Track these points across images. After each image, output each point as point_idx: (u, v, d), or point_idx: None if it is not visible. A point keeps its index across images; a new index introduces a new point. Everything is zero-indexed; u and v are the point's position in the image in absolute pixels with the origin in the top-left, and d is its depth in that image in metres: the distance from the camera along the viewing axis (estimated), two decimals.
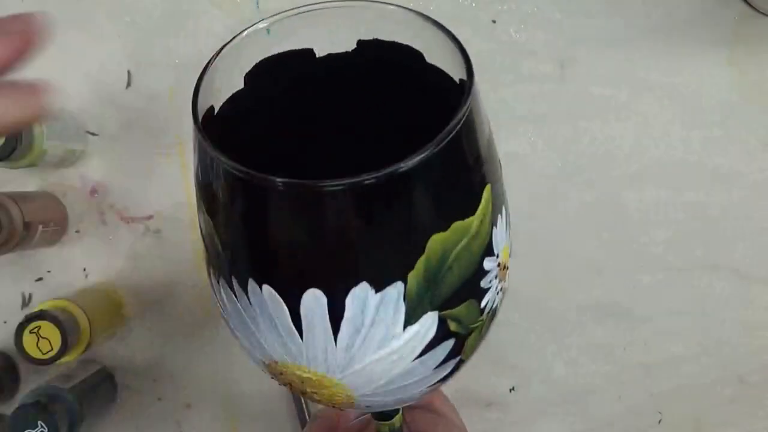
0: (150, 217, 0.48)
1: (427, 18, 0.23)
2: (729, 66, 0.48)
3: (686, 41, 0.48)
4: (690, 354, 0.51)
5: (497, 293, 0.24)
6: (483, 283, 0.23)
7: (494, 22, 0.48)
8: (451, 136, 0.19)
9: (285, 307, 0.20)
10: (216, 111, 0.23)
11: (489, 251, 0.22)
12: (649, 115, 0.49)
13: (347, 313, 0.20)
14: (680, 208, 0.49)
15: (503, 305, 0.25)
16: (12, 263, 0.48)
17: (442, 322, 0.22)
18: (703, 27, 0.48)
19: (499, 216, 0.23)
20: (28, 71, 0.23)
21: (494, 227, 0.22)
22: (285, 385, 0.24)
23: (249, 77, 0.25)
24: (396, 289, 0.20)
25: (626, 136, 0.49)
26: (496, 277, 0.23)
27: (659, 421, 0.52)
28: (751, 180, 0.49)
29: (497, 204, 0.23)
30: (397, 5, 0.24)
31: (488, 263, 0.22)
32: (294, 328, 0.21)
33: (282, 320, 0.21)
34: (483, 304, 0.23)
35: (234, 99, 0.24)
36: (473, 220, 0.21)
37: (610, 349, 0.51)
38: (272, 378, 0.24)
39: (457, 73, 0.23)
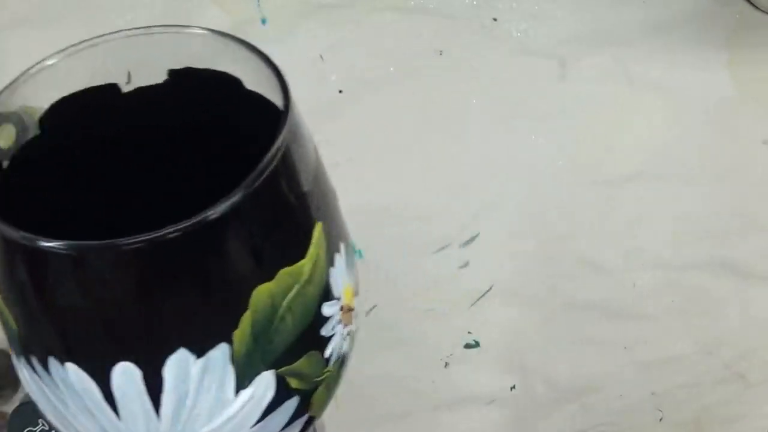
0: None
1: (240, 42, 0.21)
2: (730, 64, 0.48)
3: (687, 40, 0.48)
4: (690, 353, 0.51)
5: (344, 339, 0.22)
6: (324, 331, 0.21)
7: (495, 20, 0.48)
8: (265, 174, 0.17)
9: (94, 386, 0.18)
10: (4, 165, 0.20)
11: (327, 296, 0.20)
12: (650, 114, 0.49)
13: (167, 385, 0.18)
14: (680, 208, 0.49)
15: (508, 307, 0.25)
16: None
17: (280, 381, 0.20)
18: (704, 25, 0.48)
19: (337, 254, 0.21)
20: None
21: (331, 268, 0.21)
22: None
23: (43, 122, 0.22)
24: (220, 352, 0.18)
25: (626, 134, 0.49)
26: (339, 322, 0.21)
27: (660, 420, 0.52)
28: (751, 179, 0.49)
29: (333, 242, 0.21)
30: (206, 29, 0.22)
31: (328, 309, 0.21)
32: (108, 407, 0.18)
33: (93, 400, 0.18)
34: (327, 353, 0.21)
35: (27, 148, 0.21)
36: (304, 264, 0.19)
37: (610, 348, 0.51)
38: None
39: (279, 99, 0.21)
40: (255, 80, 0.21)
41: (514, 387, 0.51)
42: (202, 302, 0.18)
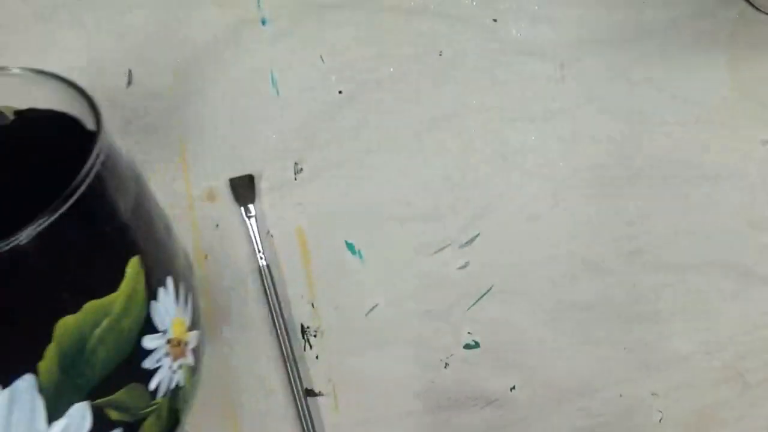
0: None
1: (55, 76, 0.21)
2: (730, 64, 0.48)
3: (687, 40, 0.48)
4: (691, 353, 0.51)
5: (174, 371, 0.22)
6: (147, 364, 0.20)
7: (495, 21, 0.48)
8: (71, 200, 0.17)
9: None
10: None
11: (149, 329, 0.20)
12: (650, 114, 0.49)
13: None
14: (680, 207, 0.49)
15: (508, 307, 0.25)
16: None
17: (98, 412, 0.19)
18: (704, 25, 0.48)
19: (162, 289, 0.21)
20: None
21: (153, 301, 0.20)
22: None
23: None
24: (26, 383, 0.17)
25: (626, 135, 0.49)
26: (167, 355, 0.21)
27: (660, 420, 0.52)
28: (751, 179, 0.49)
29: (157, 275, 0.20)
30: (38, 70, 0.21)
31: (151, 342, 0.20)
32: None
33: None
34: (153, 386, 0.21)
35: None
36: (116, 298, 0.19)
37: (610, 348, 0.51)
38: None
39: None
40: (70, 108, 0.21)
41: (514, 387, 0.51)
42: (4, 331, 0.17)
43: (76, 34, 0.48)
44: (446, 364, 0.51)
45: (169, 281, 0.21)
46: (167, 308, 0.21)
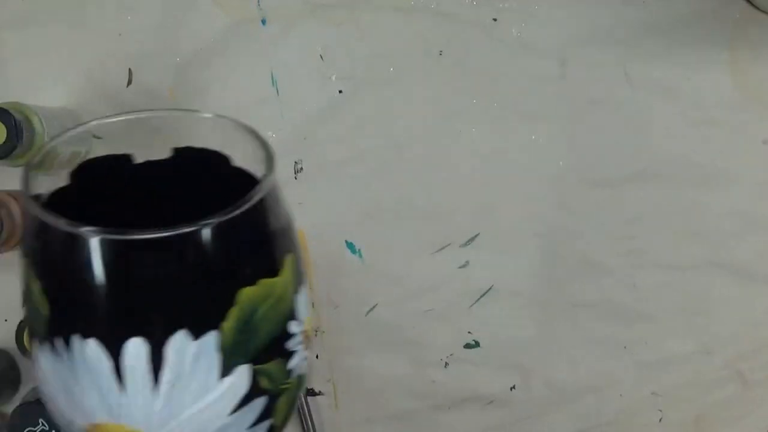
0: None
1: (234, 121, 0.26)
2: (730, 64, 0.48)
3: (687, 39, 0.48)
4: (690, 353, 0.51)
5: (303, 360, 0.25)
6: (289, 345, 0.24)
7: (495, 20, 0.48)
8: (254, 200, 0.22)
9: (108, 360, 0.21)
10: (41, 200, 0.25)
11: (293, 315, 0.24)
12: (650, 114, 0.49)
13: (167, 362, 0.21)
14: (680, 207, 0.49)
15: (508, 307, 0.26)
16: (13, 261, 0.48)
17: (254, 377, 0.23)
18: (704, 25, 0.48)
19: (301, 287, 0.25)
20: (31, 69, 0.23)
21: (297, 294, 0.24)
22: None
23: (73, 176, 0.27)
24: (212, 338, 0.21)
25: (626, 135, 0.49)
26: (300, 343, 0.25)
27: (660, 420, 0.52)
28: (751, 180, 0.49)
29: (299, 276, 0.25)
30: (210, 114, 0.27)
31: (293, 326, 0.24)
32: (116, 381, 0.22)
33: (105, 375, 0.22)
34: (290, 365, 0.24)
35: (56, 194, 0.26)
36: (278, 281, 0.23)
37: (610, 348, 0.51)
38: None
39: (260, 171, 0.26)
40: (245, 151, 0.26)
41: (514, 387, 0.51)
42: (202, 292, 0.21)
43: (76, 34, 0.48)
44: (446, 364, 0.51)
45: (305, 284, 0.26)
46: (304, 305, 0.25)
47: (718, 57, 0.48)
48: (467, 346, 0.50)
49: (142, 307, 0.21)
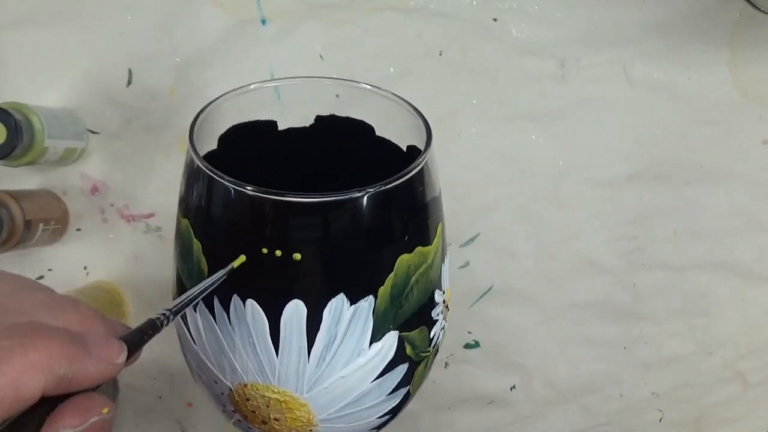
0: (151, 215, 0.48)
1: (388, 93, 0.26)
2: (730, 64, 0.48)
3: (687, 40, 0.48)
4: (690, 353, 0.51)
5: (441, 329, 0.26)
6: (433, 314, 0.24)
7: (495, 20, 0.48)
8: (415, 171, 0.22)
9: (266, 321, 0.22)
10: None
11: (440, 284, 0.24)
12: (650, 113, 0.49)
13: (323, 324, 0.21)
14: (680, 207, 0.49)
15: (508, 307, 0.26)
16: (13, 261, 0.48)
17: (400, 343, 0.23)
18: (704, 25, 0.48)
19: (447, 256, 0.25)
20: (31, 69, 0.23)
21: (443, 264, 0.25)
22: (244, 418, 0.25)
23: (222, 140, 0.27)
24: (368, 303, 0.22)
25: (626, 134, 0.49)
26: (441, 313, 0.25)
27: (660, 420, 0.52)
28: (751, 179, 0.49)
29: (445, 244, 0.25)
30: (366, 84, 0.27)
31: (438, 296, 0.24)
32: (271, 342, 0.22)
33: (261, 335, 0.22)
34: (432, 334, 0.25)
35: (207, 158, 0.26)
36: (431, 250, 0.23)
37: (610, 348, 0.51)
38: (232, 414, 0.25)
39: (404, 142, 0.26)
40: (399, 125, 0.26)
41: (514, 387, 0.51)
42: (363, 257, 0.22)
43: (76, 34, 0.48)
44: (446, 364, 0.51)
45: (446, 257, 0.26)
46: (447, 274, 0.25)
47: (718, 57, 0.48)
48: (467, 346, 0.50)
49: (304, 270, 0.21)
